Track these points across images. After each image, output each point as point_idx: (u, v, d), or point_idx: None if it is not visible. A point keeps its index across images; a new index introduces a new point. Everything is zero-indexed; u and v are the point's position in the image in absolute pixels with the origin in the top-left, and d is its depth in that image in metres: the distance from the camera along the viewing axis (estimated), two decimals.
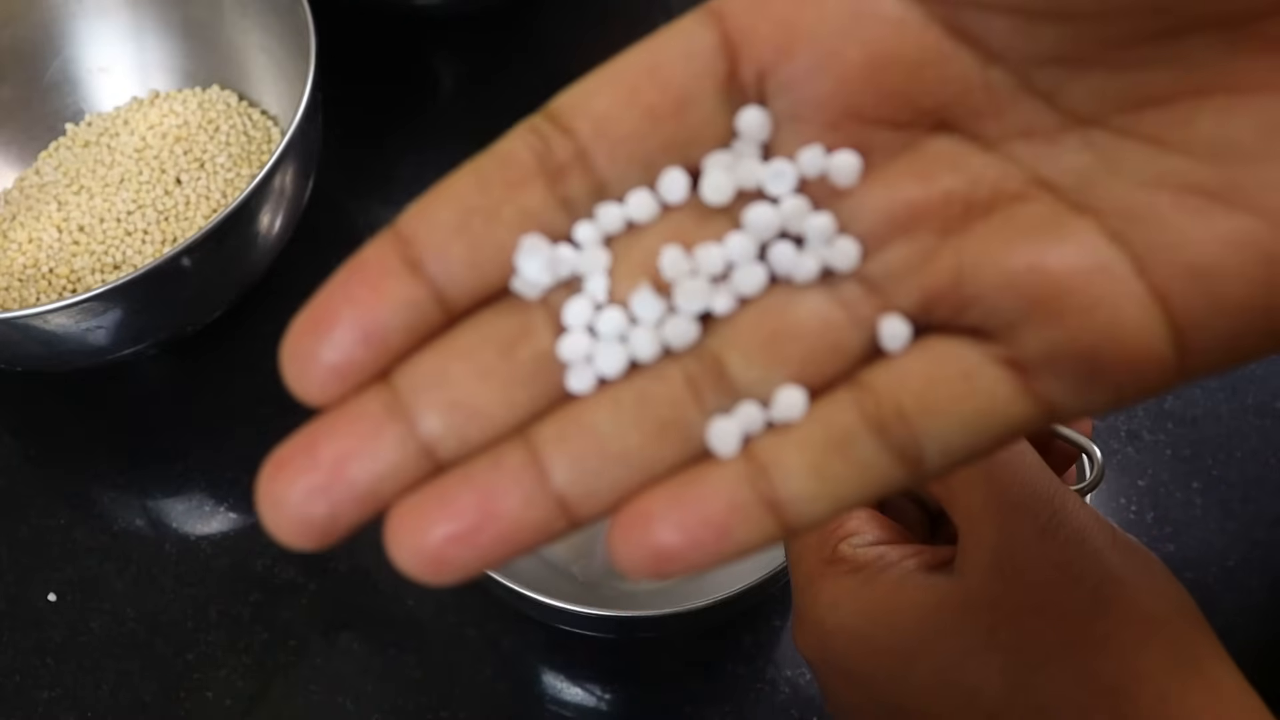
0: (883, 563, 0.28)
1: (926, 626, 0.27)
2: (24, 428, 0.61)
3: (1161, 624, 0.25)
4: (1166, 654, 0.24)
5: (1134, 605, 0.25)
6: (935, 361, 0.17)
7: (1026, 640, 0.25)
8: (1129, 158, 0.17)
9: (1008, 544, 0.26)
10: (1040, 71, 0.17)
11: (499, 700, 0.51)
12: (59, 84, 0.65)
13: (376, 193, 0.67)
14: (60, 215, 0.60)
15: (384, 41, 0.72)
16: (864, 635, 0.28)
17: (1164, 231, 0.16)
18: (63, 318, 0.49)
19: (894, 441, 0.17)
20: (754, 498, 0.17)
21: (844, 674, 0.29)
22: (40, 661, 0.53)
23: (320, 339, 0.19)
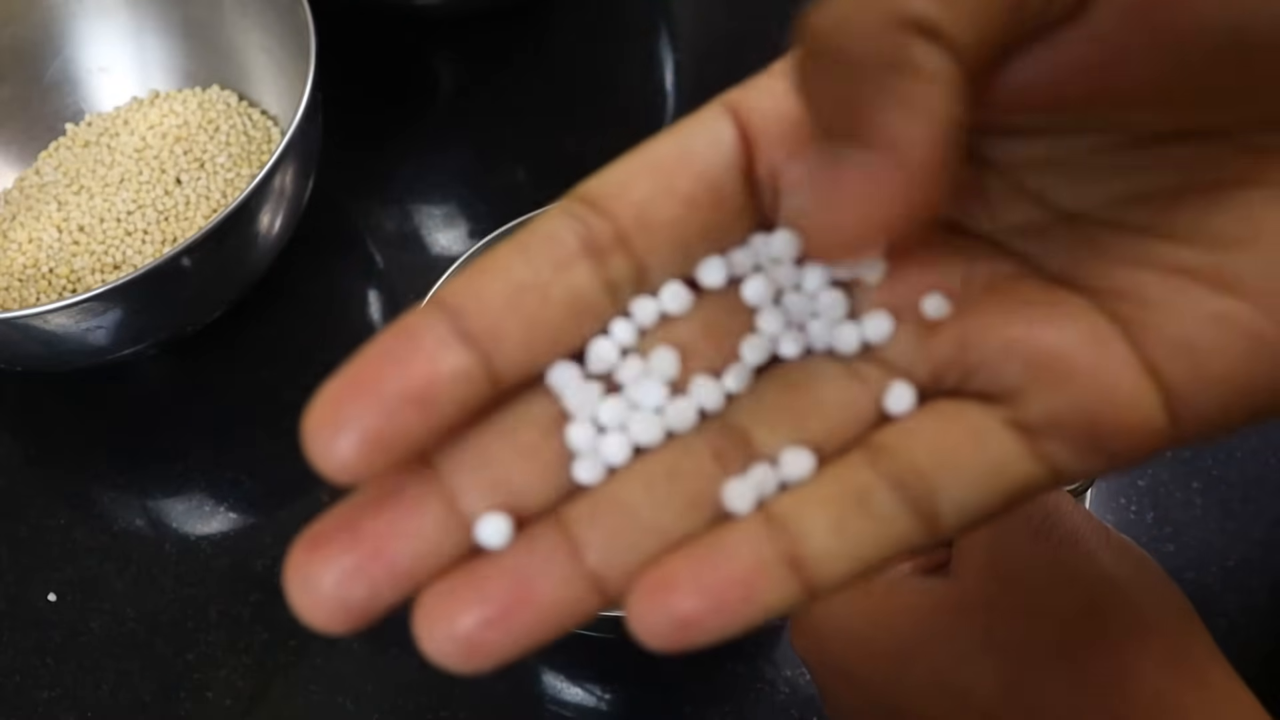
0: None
1: (922, 629, 0.27)
2: (24, 428, 0.61)
3: (1155, 624, 0.25)
4: (1160, 653, 0.25)
5: (1128, 605, 0.25)
6: (946, 422, 0.17)
7: (1021, 642, 0.25)
8: (1116, 244, 0.18)
9: (1002, 546, 0.26)
10: (1030, 175, 0.18)
11: (499, 700, 0.51)
12: (59, 84, 0.65)
13: (376, 193, 0.67)
14: (60, 215, 0.60)
15: (384, 42, 0.72)
16: (860, 637, 0.28)
17: (1153, 309, 0.17)
18: (63, 318, 0.49)
19: (911, 496, 0.17)
20: (776, 556, 0.16)
21: (841, 676, 0.29)
22: (40, 661, 0.53)
23: (361, 405, 0.17)
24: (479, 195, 0.67)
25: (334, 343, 0.61)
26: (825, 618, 0.29)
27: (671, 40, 0.74)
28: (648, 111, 0.70)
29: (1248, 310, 0.17)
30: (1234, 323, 0.17)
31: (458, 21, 0.73)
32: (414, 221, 0.66)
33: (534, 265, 0.18)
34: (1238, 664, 0.26)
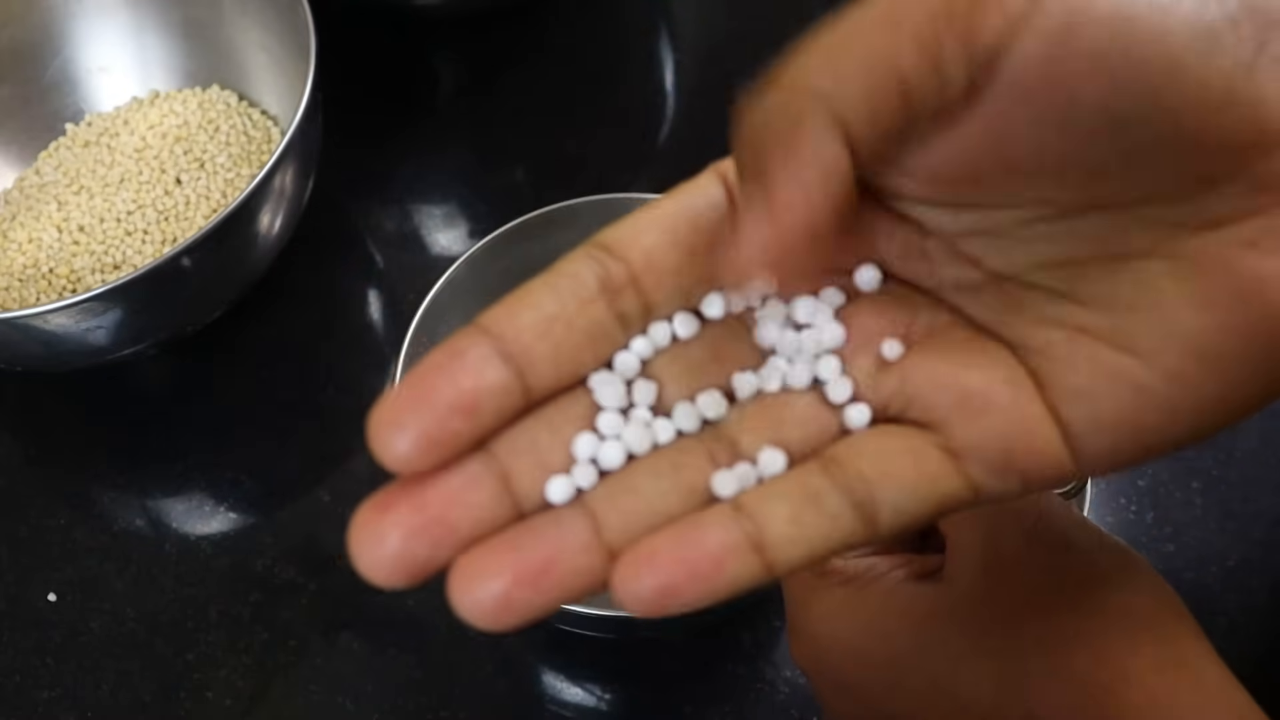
0: (873, 573, 0.29)
1: (918, 635, 0.27)
2: (24, 428, 0.61)
3: (1148, 624, 0.25)
4: (1154, 654, 0.25)
5: (1121, 605, 0.25)
6: (889, 441, 0.21)
7: (1016, 644, 0.26)
8: (1034, 304, 0.21)
9: (994, 549, 0.27)
10: (965, 242, 0.22)
11: (499, 700, 0.51)
12: (59, 84, 0.65)
13: (376, 193, 0.67)
14: (60, 215, 0.60)
15: (384, 42, 0.72)
16: (857, 646, 0.28)
17: (1059, 362, 0.20)
18: (63, 318, 0.49)
19: (856, 499, 0.20)
20: (743, 539, 0.20)
21: (839, 684, 0.30)
22: (40, 661, 0.53)
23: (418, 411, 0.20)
24: (479, 195, 0.67)
25: (334, 343, 0.61)
26: (822, 626, 0.29)
27: (671, 40, 0.74)
28: (648, 112, 0.70)
29: (1139, 367, 0.20)
30: (1126, 378, 0.20)
31: (458, 22, 0.73)
32: (414, 221, 0.66)
33: (561, 299, 0.22)
34: (1237, 663, 0.26)
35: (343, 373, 0.60)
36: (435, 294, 0.50)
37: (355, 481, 0.57)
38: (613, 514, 0.20)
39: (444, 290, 0.50)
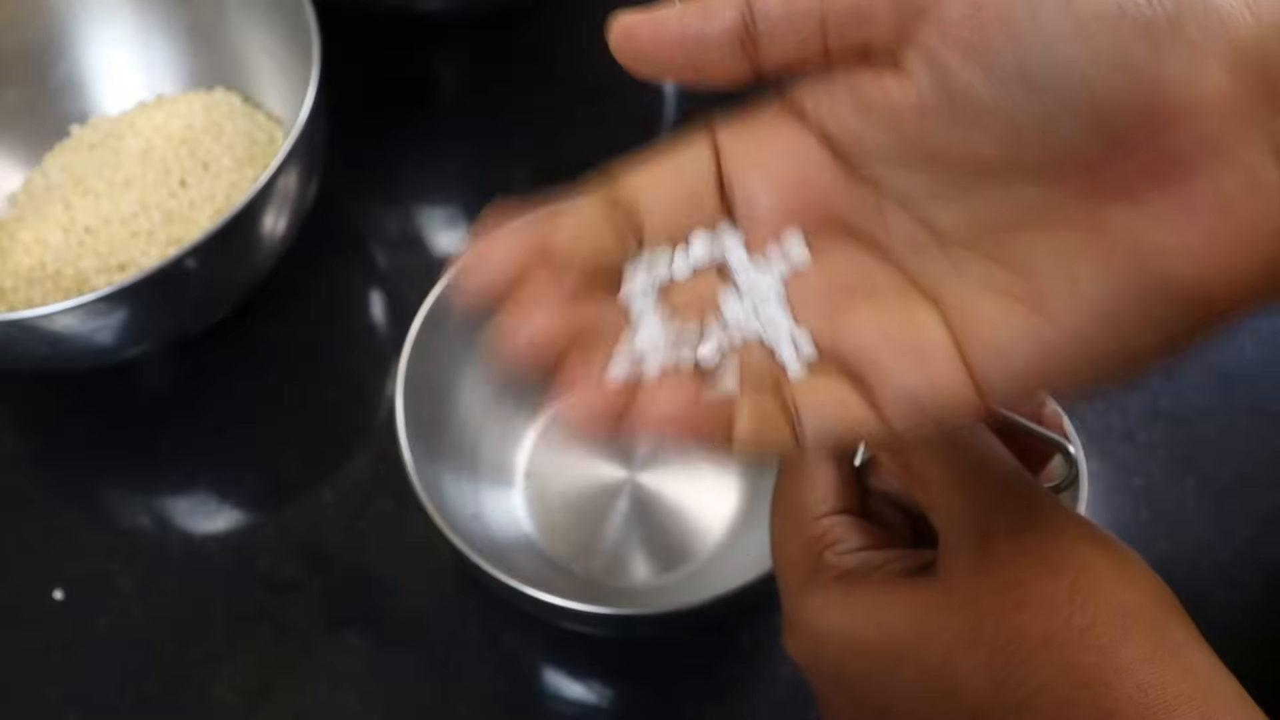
0: (867, 568, 0.29)
1: (911, 628, 0.28)
2: (30, 427, 0.61)
3: (1139, 614, 0.26)
4: (1145, 644, 0.25)
5: (1112, 596, 0.26)
6: (825, 387, 0.25)
7: (1008, 636, 0.26)
8: (970, 266, 0.24)
9: (986, 541, 0.27)
10: (915, 204, 0.25)
11: (499, 698, 0.52)
12: (65, 87, 0.66)
13: (379, 194, 0.67)
14: (66, 217, 0.60)
15: (387, 45, 0.72)
16: (852, 639, 0.29)
17: (977, 320, 0.24)
18: (69, 318, 0.49)
19: (790, 421, 0.25)
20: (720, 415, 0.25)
21: (834, 678, 0.30)
22: (46, 659, 0.53)
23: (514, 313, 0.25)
24: (480, 196, 0.67)
25: (337, 343, 0.62)
26: (817, 619, 0.29)
27: None
28: (647, 112, 0.70)
29: (1047, 327, 0.23)
30: (1035, 336, 0.23)
31: (460, 24, 0.73)
32: (416, 223, 0.67)
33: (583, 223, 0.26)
34: (1231, 658, 0.27)
35: (346, 373, 0.61)
36: (437, 295, 0.50)
37: (357, 480, 0.57)
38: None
39: (446, 291, 0.50)
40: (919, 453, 0.29)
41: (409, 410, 0.48)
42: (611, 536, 0.54)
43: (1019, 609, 0.26)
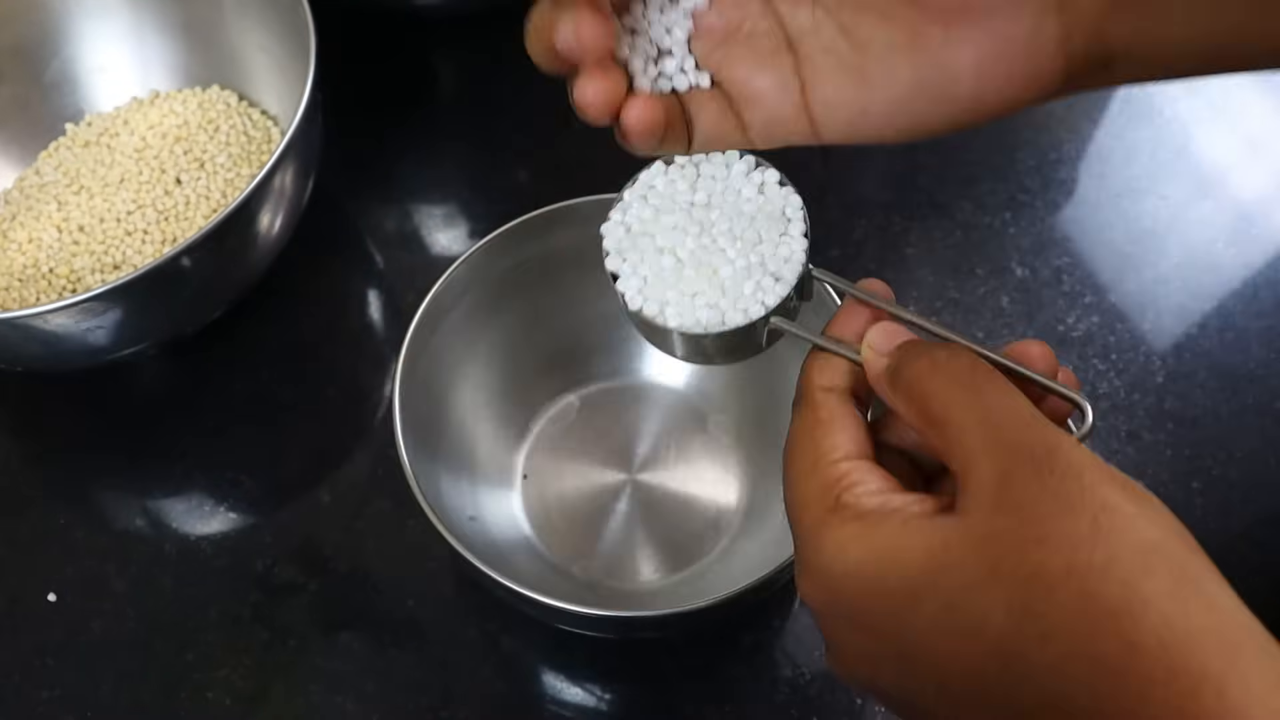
0: (887, 508, 0.29)
1: (932, 564, 0.27)
2: (24, 428, 0.61)
3: (1160, 550, 0.26)
4: (1167, 579, 0.25)
5: (1132, 532, 0.26)
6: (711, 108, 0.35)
7: (1030, 571, 0.26)
8: (825, 29, 0.33)
9: (1007, 481, 0.27)
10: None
11: (499, 700, 0.51)
12: (59, 84, 0.65)
13: (376, 193, 0.67)
14: (60, 215, 0.60)
15: (384, 42, 0.72)
16: (870, 577, 0.29)
17: (821, 78, 0.33)
18: (63, 318, 0.49)
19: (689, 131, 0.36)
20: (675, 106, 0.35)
21: (849, 618, 0.30)
22: (40, 661, 0.53)
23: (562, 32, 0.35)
24: (479, 195, 0.67)
25: (334, 343, 0.61)
26: (835, 559, 0.29)
27: None
28: None
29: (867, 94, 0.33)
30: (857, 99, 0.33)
31: (458, 22, 0.73)
32: (414, 221, 0.66)
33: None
34: None
35: (343, 373, 0.60)
36: (435, 294, 0.50)
37: (355, 481, 0.57)
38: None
39: (444, 290, 0.50)
40: (938, 396, 0.30)
41: (407, 411, 0.47)
42: (611, 538, 0.53)
43: (1040, 545, 0.26)
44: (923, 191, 0.65)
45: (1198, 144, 0.66)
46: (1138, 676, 0.24)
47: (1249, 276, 0.62)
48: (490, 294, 0.52)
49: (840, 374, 0.33)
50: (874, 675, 0.30)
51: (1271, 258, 0.63)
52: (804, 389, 0.34)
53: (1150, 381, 0.58)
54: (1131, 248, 0.63)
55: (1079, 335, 0.60)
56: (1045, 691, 0.26)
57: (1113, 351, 0.59)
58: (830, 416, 0.32)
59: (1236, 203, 0.65)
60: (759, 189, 0.37)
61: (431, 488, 0.47)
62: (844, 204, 0.64)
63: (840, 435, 0.32)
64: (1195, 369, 0.59)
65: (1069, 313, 0.60)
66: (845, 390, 0.33)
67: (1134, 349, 0.59)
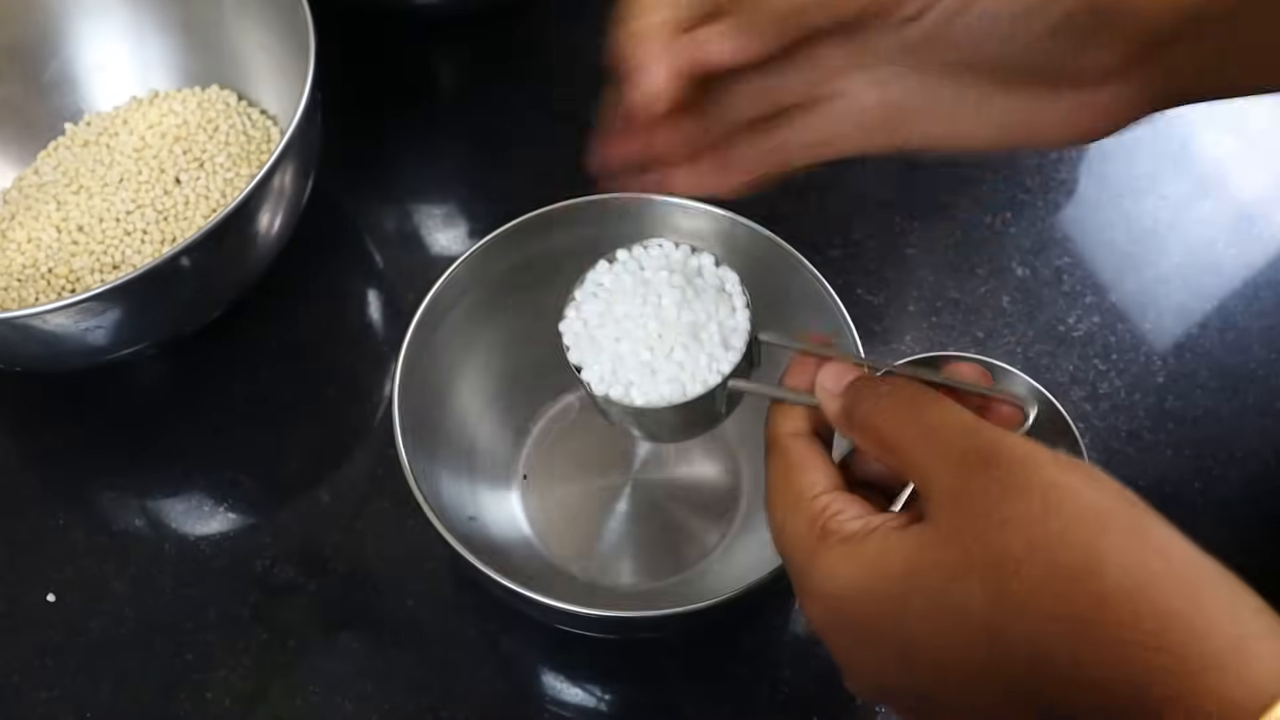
0: (868, 528, 0.32)
1: (912, 567, 0.30)
2: (23, 428, 0.61)
3: (1111, 512, 0.28)
4: (1120, 534, 0.28)
5: (1080, 501, 0.28)
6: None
7: (995, 554, 0.28)
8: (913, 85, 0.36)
9: (961, 481, 0.30)
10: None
11: (499, 700, 0.51)
12: (58, 83, 0.65)
13: (376, 192, 0.67)
14: (59, 215, 0.60)
15: (384, 42, 0.72)
16: (862, 590, 0.31)
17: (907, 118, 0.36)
18: (61, 318, 0.49)
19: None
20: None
21: (852, 631, 0.32)
22: (39, 662, 0.53)
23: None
24: (478, 195, 0.67)
25: (334, 343, 0.61)
26: (828, 581, 0.32)
27: None
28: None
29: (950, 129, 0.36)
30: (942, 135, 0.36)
31: (457, 21, 0.73)
32: (413, 221, 0.66)
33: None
34: None
35: (342, 373, 0.60)
36: (435, 294, 0.50)
37: (354, 481, 0.57)
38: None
39: (444, 290, 0.50)
40: (888, 424, 0.33)
41: (406, 410, 0.47)
42: (611, 538, 0.53)
43: (1001, 528, 0.28)
44: (923, 191, 0.65)
45: (1198, 144, 0.66)
46: (1109, 626, 0.27)
47: (1250, 276, 0.62)
48: (490, 294, 0.52)
49: (801, 419, 0.36)
50: (884, 682, 0.32)
51: (1272, 258, 0.63)
52: (771, 438, 0.37)
53: (1151, 381, 0.58)
54: (1132, 247, 0.63)
55: (1080, 335, 0.60)
56: (1030, 658, 0.28)
57: (1113, 351, 0.59)
58: (801, 459, 0.35)
59: (1237, 203, 0.65)
60: (698, 272, 0.41)
61: (431, 488, 0.47)
62: (844, 204, 0.64)
63: (815, 473, 0.35)
64: (1196, 369, 0.59)
65: (1070, 312, 0.60)
66: (809, 433, 0.36)
67: (1135, 349, 0.59)
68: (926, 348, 0.59)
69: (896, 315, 0.61)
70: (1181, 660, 0.26)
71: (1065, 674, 0.27)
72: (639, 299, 0.40)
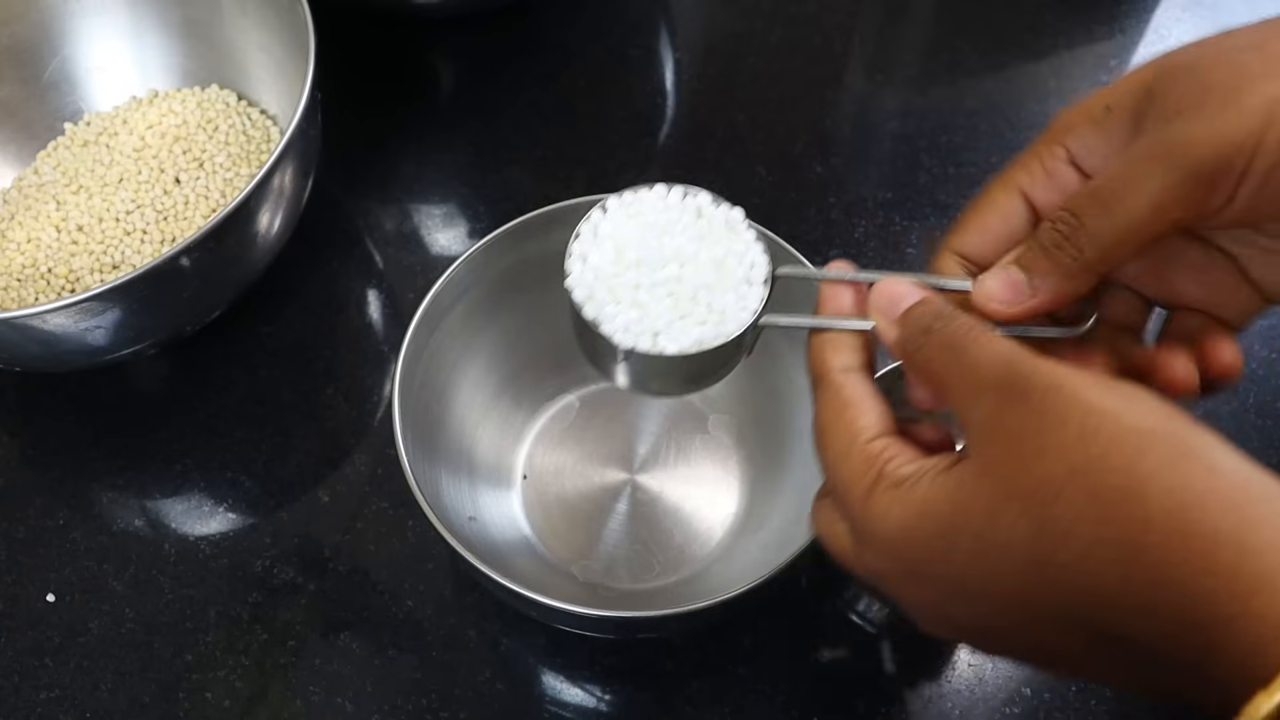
0: (920, 472, 0.32)
1: (957, 505, 0.30)
2: (23, 428, 0.61)
3: (1152, 433, 0.28)
4: (1162, 454, 0.27)
5: (1120, 424, 0.28)
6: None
7: (1035, 483, 0.28)
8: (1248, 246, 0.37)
9: (996, 415, 0.30)
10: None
11: (499, 700, 0.51)
12: (58, 83, 0.65)
13: (375, 192, 0.67)
14: (59, 215, 0.60)
15: (383, 41, 0.72)
16: (912, 531, 0.31)
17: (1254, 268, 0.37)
18: (61, 318, 0.49)
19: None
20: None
21: (909, 574, 0.32)
22: (39, 662, 0.53)
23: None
24: (478, 195, 0.67)
25: (333, 342, 0.61)
26: (881, 523, 0.32)
27: (671, 39, 0.74)
28: (647, 110, 0.70)
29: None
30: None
31: (457, 21, 0.73)
32: (413, 221, 0.66)
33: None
34: None
35: (342, 373, 0.60)
36: (435, 294, 0.50)
37: (354, 482, 0.57)
38: None
39: (444, 290, 0.50)
40: (935, 361, 0.33)
41: (406, 411, 0.47)
42: (611, 538, 0.53)
43: (1039, 457, 0.28)
44: (923, 191, 0.65)
45: None
46: (1155, 549, 0.26)
47: None
48: (490, 294, 0.52)
49: (851, 351, 0.36)
50: (950, 618, 0.32)
51: None
52: (820, 372, 0.35)
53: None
54: None
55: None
56: (1078, 586, 0.27)
57: None
58: (854, 396, 0.35)
59: None
60: (699, 213, 0.38)
61: (431, 488, 0.47)
62: (844, 204, 0.64)
63: (870, 415, 0.34)
64: None
65: None
66: (859, 367, 0.35)
67: None
68: None
69: None
70: (1231, 581, 0.25)
71: (1114, 600, 0.27)
72: (652, 242, 0.37)
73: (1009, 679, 0.51)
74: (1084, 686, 0.50)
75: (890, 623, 0.52)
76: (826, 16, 0.73)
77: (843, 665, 0.51)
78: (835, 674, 0.51)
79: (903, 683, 0.51)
